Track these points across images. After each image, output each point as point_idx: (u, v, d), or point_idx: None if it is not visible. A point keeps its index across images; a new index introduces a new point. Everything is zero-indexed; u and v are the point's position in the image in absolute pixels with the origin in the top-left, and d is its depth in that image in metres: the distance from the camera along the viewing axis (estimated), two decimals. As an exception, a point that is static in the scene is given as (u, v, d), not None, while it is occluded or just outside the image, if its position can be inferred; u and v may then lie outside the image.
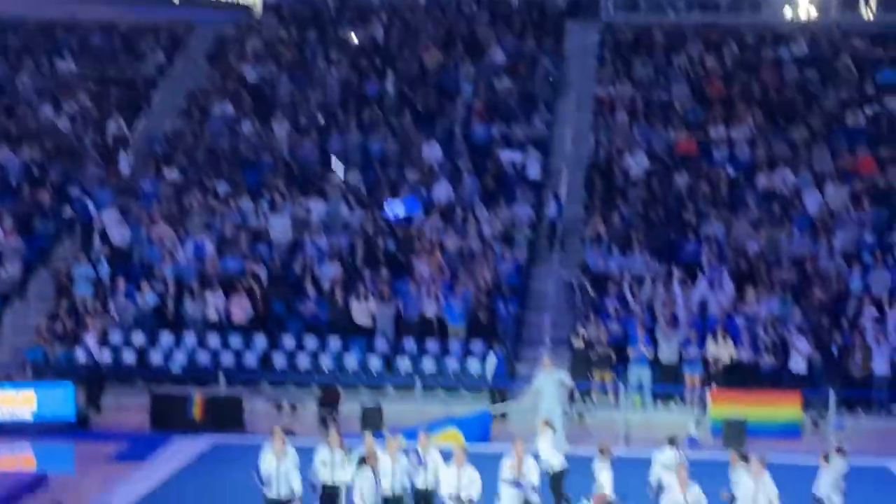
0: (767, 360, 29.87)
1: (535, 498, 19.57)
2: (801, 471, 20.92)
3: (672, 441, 21.26)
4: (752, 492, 19.09)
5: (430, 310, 32.10)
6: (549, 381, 26.90)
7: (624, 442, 26.96)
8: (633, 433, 27.85)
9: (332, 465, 19.88)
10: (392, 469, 19.60)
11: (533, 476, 19.76)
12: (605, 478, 19.90)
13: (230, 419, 28.72)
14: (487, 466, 20.23)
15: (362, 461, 19.19)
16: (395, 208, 34.77)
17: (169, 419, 28.73)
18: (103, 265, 33.77)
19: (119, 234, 35.00)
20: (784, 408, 28.39)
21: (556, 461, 21.46)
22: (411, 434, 22.10)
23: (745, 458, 20.12)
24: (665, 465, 20.92)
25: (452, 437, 25.85)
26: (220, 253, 34.22)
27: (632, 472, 20.70)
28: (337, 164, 37.22)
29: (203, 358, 31.77)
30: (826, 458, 20.40)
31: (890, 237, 33.70)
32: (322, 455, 20.02)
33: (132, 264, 34.43)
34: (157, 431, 28.39)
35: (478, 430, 27.47)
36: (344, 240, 34.48)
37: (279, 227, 35.04)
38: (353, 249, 34.16)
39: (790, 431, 27.92)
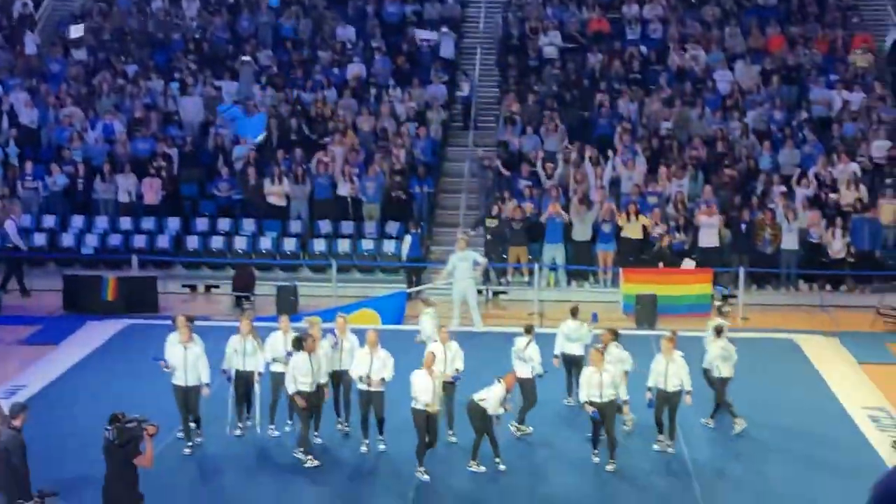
0: (678, 237, 30.19)
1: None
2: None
3: (574, 312, 21.53)
4: (663, 369, 19.35)
5: (345, 191, 31.96)
6: (463, 262, 27.00)
7: (538, 320, 27.24)
8: (547, 312, 28.19)
9: (244, 354, 19.81)
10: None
11: (458, 363, 19.81)
12: (533, 352, 20.13)
13: (144, 301, 28.59)
14: (403, 347, 20.35)
15: (299, 345, 18.97)
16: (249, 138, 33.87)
17: (82, 302, 28.54)
18: (11, 147, 33.24)
19: (27, 115, 34.38)
20: (694, 284, 28.78)
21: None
22: (328, 316, 22.18)
23: (616, 336, 20.32)
24: (568, 336, 21.30)
25: (368, 318, 26.02)
26: (130, 134, 33.76)
27: (545, 350, 20.94)
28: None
29: (115, 240, 31.48)
30: (719, 332, 20.70)
31: (799, 115, 34.06)
32: (233, 343, 19.92)
33: (41, 146, 33.91)
34: (70, 314, 28.23)
35: (394, 311, 27.61)
36: (257, 120, 34.18)
37: (190, 108, 34.62)
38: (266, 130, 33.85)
39: (700, 307, 28.33)
